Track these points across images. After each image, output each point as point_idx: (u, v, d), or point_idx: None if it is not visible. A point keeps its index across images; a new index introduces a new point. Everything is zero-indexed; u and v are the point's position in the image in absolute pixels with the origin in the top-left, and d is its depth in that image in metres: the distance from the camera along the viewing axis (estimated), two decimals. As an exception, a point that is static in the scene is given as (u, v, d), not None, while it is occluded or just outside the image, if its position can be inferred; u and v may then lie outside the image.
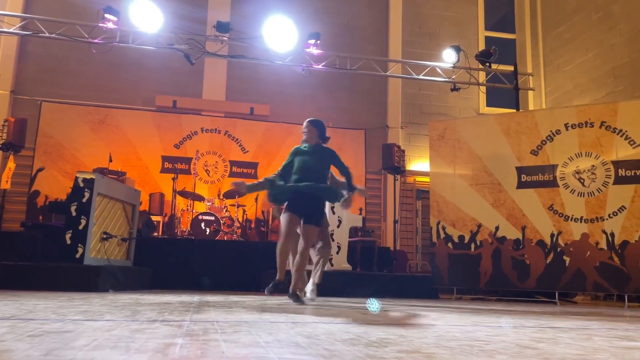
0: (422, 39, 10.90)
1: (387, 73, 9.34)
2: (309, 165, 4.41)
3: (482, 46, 10.72)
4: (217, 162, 9.63)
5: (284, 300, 4.65)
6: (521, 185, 6.80)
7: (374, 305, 2.01)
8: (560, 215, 6.53)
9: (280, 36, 7.98)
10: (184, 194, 8.42)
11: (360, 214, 8.45)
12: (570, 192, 6.52)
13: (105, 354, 1.46)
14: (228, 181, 9.44)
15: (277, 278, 4.29)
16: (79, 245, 5.44)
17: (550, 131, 6.74)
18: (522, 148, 6.86)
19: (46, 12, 8.97)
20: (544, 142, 6.76)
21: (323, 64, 8.58)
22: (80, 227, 5.48)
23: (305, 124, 4.63)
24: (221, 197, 8.55)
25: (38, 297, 3.96)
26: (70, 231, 5.47)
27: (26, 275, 5.39)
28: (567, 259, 6.41)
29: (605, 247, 6.25)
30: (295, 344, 1.80)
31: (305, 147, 4.57)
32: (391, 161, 8.72)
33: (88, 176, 5.67)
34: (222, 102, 9.93)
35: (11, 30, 7.88)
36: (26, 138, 8.00)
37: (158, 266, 7.00)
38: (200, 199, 8.54)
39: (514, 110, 8.42)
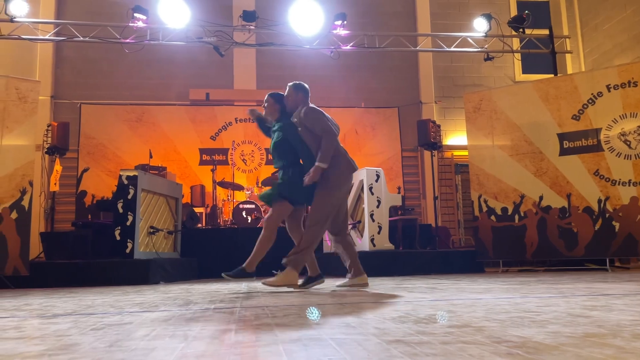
0: (451, 9, 10.64)
1: (417, 48, 9.18)
2: (276, 147, 4.04)
3: (514, 12, 10.39)
4: (253, 150, 9.73)
5: (328, 283, 4.71)
6: (564, 152, 6.62)
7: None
8: (607, 180, 6.33)
9: (307, 20, 7.96)
10: (223, 184, 8.56)
11: (399, 192, 8.42)
12: (616, 155, 6.31)
13: (165, 343, 1.53)
14: (265, 169, 9.54)
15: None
16: (128, 240, 5.63)
17: (592, 94, 6.51)
18: (563, 114, 6.66)
19: (77, 16, 9.20)
20: (585, 106, 6.54)
21: (351, 44, 8.50)
22: (128, 223, 5.67)
23: (265, 97, 4.19)
24: (259, 185, 8.65)
25: (94, 293, 4.14)
26: (119, 227, 5.66)
27: (80, 272, 5.63)
28: (616, 224, 6.22)
29: (657, 210, 6.04)
30: (346, 324, 1.83)
31: (274, 124, 4.15)
32: (427, 137, 8.61)
33: (131, 173, 5.83)
34: (253, 91, 9.99)
35: (46, 37, 8.12)
36: (69, 140, 8.27)
37: (204, 256, 7.19)
38: (240, 188, 8.67)
39: (552, 75, 8.15)
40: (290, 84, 4.17)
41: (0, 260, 5.45)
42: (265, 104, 4.16)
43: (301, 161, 4.04)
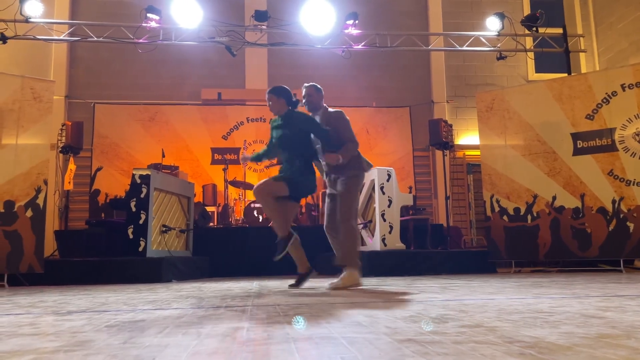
0: (464, 8, 10.59)
1: (429, 47, 9.15)
2: (284, 140, 4.09)
3: (527, 10, 10.31)
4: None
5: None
6: (577, 151, 6.55)
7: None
8: (622, 180, 6.26)
9: (318, 19, 7.97)
10: (235, 183, 8.60)
11: (411, 192, 8.39)
12: (631, 155, 6.24)
13: (178, 340, 1.54)
14: (276, 169, 9.55)
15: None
16: (141, 238, 5.68)
17: (606, 93, 6.44)
18: (577, 113, 6.59)
19: (91, 16, 9.29)
20: (599, 106, 6.47)
21: (363, 43, 8.50)
22: (141, 222, 5.71)
23: (267, 95, 4.24)
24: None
25: (108, 290, 4.18)
26: (132, 226, 5.71)
27: (94, 270, 5.69)
28: (631, 225, 6.15)
29: (672, 211, 5.96)
30: (357, 323, 1.83)
31: (277, 119, 4.21)
32: (439, 137, 8.58)
33: (144, 172, 5.88)
34: (265, 90, 9.91)
35: (61, 37, 8.21)
36: (83, 140, 8.35)
37: (215, 255, 7.23)
38: (251, 187, 8.66)
39: (566, 75, 8.08)
40: (309, 84, 4.26)
41: (16, 258, 5.53)
42: (270, 102, 4.17)
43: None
